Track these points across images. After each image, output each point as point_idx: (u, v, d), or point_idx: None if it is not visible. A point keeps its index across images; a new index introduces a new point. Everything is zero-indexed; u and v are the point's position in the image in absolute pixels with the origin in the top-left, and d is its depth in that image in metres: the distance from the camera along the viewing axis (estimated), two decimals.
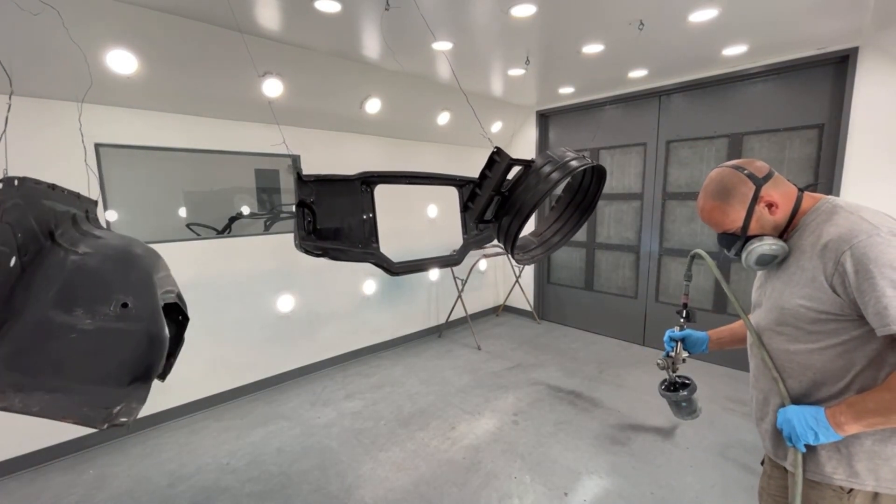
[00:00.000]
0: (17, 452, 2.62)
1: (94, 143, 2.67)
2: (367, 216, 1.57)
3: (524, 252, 1.85)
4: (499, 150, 1.36)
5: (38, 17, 1.93)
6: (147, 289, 1.03)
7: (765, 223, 1.12)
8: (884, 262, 0.90)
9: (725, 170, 1.14)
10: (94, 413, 0.91)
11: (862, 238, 0.94)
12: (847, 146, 3.14)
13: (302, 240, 1.42)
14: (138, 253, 1.06)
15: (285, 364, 3.82)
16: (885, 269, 0.90)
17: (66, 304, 0.90)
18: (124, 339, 0.97)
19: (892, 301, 0.89)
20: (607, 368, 4.02)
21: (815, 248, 1.03)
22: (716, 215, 1.15)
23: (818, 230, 1.04)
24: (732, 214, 1.12)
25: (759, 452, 2.57)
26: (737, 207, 1.11)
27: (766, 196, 1.09)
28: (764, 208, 1.10)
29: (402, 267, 1.63)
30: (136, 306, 0.98)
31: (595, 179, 1.76)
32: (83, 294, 0.93)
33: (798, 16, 2.63)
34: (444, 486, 2.45)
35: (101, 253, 0.99)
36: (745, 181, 1.10)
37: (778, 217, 1.11)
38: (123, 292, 0.98)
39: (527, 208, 1.38)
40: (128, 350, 0.97)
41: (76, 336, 0.90)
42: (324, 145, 3.83)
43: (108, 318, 0.94)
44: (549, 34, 2.82)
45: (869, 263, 0.91)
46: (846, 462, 1.04)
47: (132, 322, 0.97)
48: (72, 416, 0.88)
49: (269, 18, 2.50)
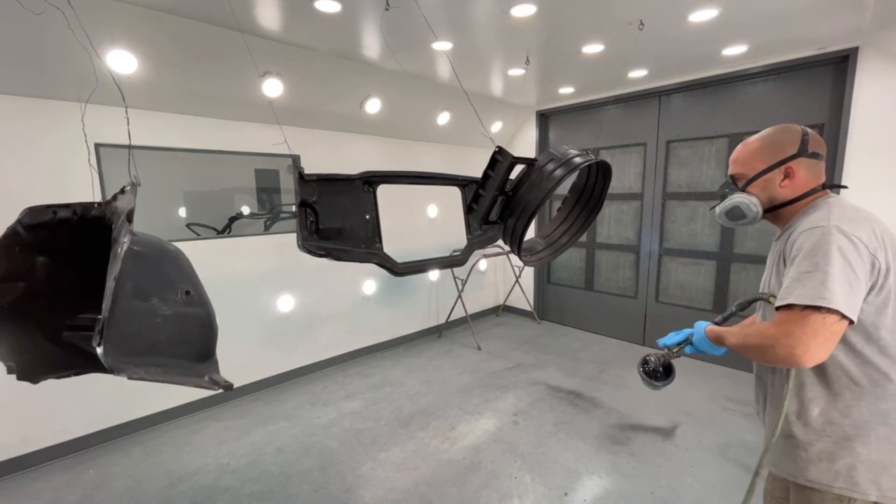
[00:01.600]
0: (17, 452, 2.62)
1: (95, 143, 2.67)
2: (369, 216, 1.55)
3: (531, 254, 1.83)
4: (501, 150, 1.35)
5: (39, 16, 1.93)
6: (196, 278, 1.16)
7: (768, 187, 1.18)
8: (807, 249, 1.00)
9: (792, 127, 1.17)
10: (200, 380, 1.07)
11: (812, 227, 1.03)
12: (847, 146, 3.14)
13: (304, 240, 1.41)
14: (173, 249, 1.16)
15: (285, 364, 3.82)
16: (805, 256, 1.00)
17: (142, 295, 1.02)
18: (194, 322, 1.12)
19: (786, 283, 1.01)
20: (607, 368, 4.02)
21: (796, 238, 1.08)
22: (747, 154, 1.21)
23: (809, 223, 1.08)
24: (756, 163, 1.19)
25: (758, 452, 2.57)
26: (766, 158, 1.17)
27: (793, 165, 1.14)
28: (778, 175, 1.15)
29: (406, 267, 1.62)
30: (196, 293, 1.12)
31: (600, 177, 1.74)
32: (152, 285, 1.05)
33: (798, 16, 2.63)
34: (444, 486, 2.45)
35: (151, 248, 1.08)
36: (795, 144, 1.14)
37: (782, 193, 1.16)
38: (183, 282, 1.11)
39: (531, 207, 1.36)
40: (198, 330, 1.13)
41: (160, 321, 1.04)
42: (324, 145, 3.83)
43: (178, 304, 1.08)
44: (549, 34, 2.82)
45: (801, 250, 1.02)
46: (845, 473, 1.05)
47: (196, 307, 1.13)
48: (190, 382, 1.06)
49: (269, 18, 2.49)
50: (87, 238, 1.18)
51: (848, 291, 0.95)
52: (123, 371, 0.92)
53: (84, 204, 1.18)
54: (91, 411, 2.85)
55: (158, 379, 0.99)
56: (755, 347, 1.06)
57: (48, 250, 1.20)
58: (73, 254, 1.22)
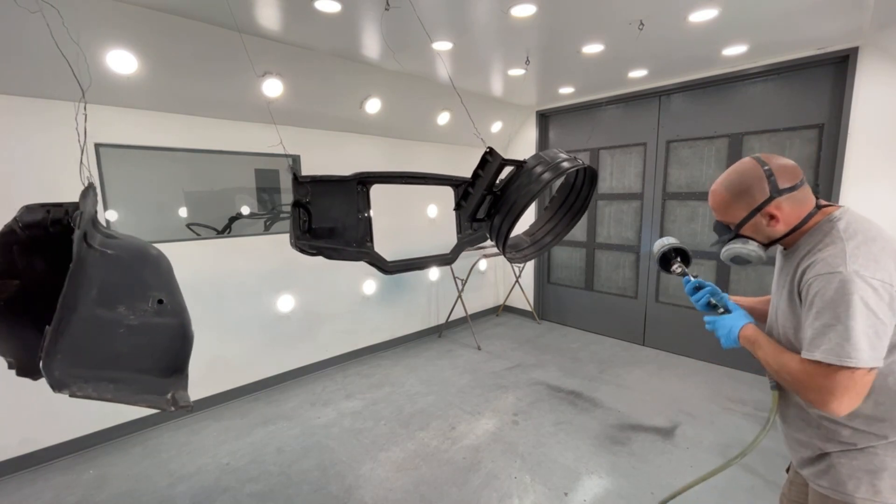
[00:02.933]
0: (17, 452, 2.62)
1: (94, 143, 2.67)
2: (361, 216, 1.58)
3: (516, 251, 1.88)
4: (491, 150, 1.39)
5: (35, 14, 1.93)
6: (174, 285, 1.11)
7: (759, 230, 1.14)
8: (828, 299, 0.96)
9: (753, 167, 1.12)
10: (158, 399, 0.99)
11: (830, 272, 0.97)
12: (847, 146, 3.14)
13: (297, 239, 1.44)
14: (155, 253, 1.12)
15: (285, 364, 3.82)
16: (827, 306, 0.97)
17: (108, 302, 0.97)
18: (164, 333, 1.05)
19: (811, 333, 0.99)
20: (607, 368, 4.02)
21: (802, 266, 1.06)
22: (721, 205, 1.17)
23: (811, 252, 1.06)
24: (734, 212, 1.15)
25: (759, 453, 2.57)
26: (742, 207, 1.13)
27: (772, 209, 1.09)
28: (763, 218, 1.11)
29: (396, 266, 1.65)
30: (169, 302, 1.06)
31: (587, 181, 1.79)
32: (122, 292, 1.00)
33: (798, 16, 2.63)
34: (445, 486, 2.45)
35: (127, 253, 1.05)
36: (763, 189, 1.09)
37: (775, 230, 1.12)
38: (157, 289, 1.05)
39: (518, 207, 1.41)
40: (167, 342, 1.06)
41: (124, 331, 0.98)
42: (324, 145, 3.83)
43: (147, 313, 1.02)
44: (549, 34, 2.82)
45: (819, 296, 0.98)
46: (868, 480, 1.03)
47: (169, 317, 1.06)
48: (142, 401, 0.98)
49: (268, 18, 2.49)
50: None
51: (875, 341, 0.93)
52: (67, 387, 0.85)
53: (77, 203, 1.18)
54: (91, 411, 2.85)
55: (107, 397, 0.91)
56: (788, 384, 1.05)
57: (44, 249, 1.19)
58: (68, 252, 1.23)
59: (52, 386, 0.84)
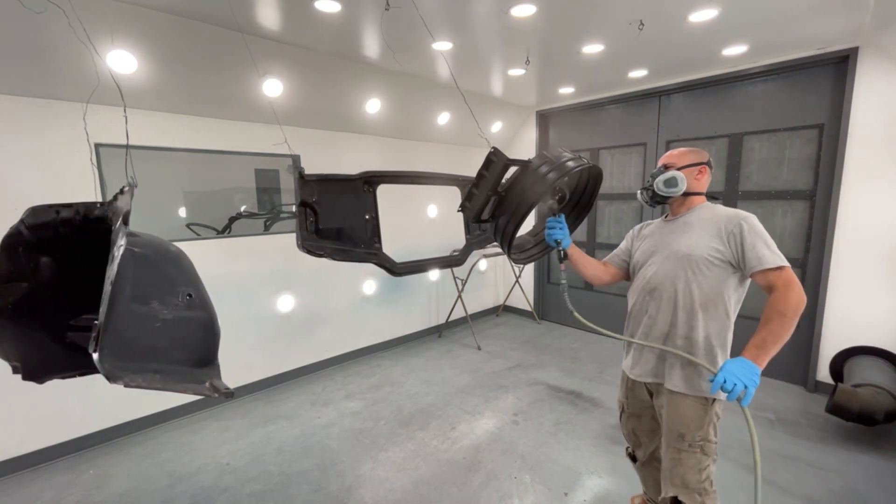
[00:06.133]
0: (17, 452, 2.62)
1: (94, 143, 2.67)
2: (369, 216, 1.56)
3: (521, 252, 1.85)
4: (496, 151, 1.36)
5: (40, 15, 1.93)
6: (198, 280, 1.14)
7: (687, 178, 1.65)
8: (758, 231, 1.50)
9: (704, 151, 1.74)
10: (199, 387, 1.04)
11: (748, 218, 1.53)
12: (847, 146, 3.14)
13: (304, 240, 1.41)
14: (175, 250, 1.14)
15: (285, 364, 3.82)
16: (762, 236, 1.50)
17: (142, 298, 0.99)
18: (196, 325, 1.10)
19: (764, 251, 1.46)
20: (607, 368, 4.02)
21: (712, 220, 1.59)
22: (678, 152, 1.70)
23: (711, 212, 1.63)
24: (684, 158, 1.68)
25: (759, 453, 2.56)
26: (690, 158, 1.68)
27: (704, 168, 1.68)
28: (696, 170, 1.67)
29: (405, 267, 1.63)
30: (197, 296, 1.10)
31: (592, 180, 1.77)
32: (153, 288, 1.02)
33: (798, 16, 2.63)
34: (445, 486, 2.45)
35: (152, 250, 1.06)
36: (705, 157, 1.71)
37: (694, 184, 1.66)
38: (184, 285, 1.08)
39: (523, 208, 1.38)
40: (201, 334, 1.11)
41: (160, 325, 1.01)
42: (324, 145, 3.83)
43: (179, 307, 1.06)
44: (549, 34, 2.82)
45: (753, 231, 1.50)
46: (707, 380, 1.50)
47: (198, 310, 1.10)
48: (188, 389, 1.02)
49: (269, 18, 2.49)
50: (91, 238, 1.18)
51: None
52: (120, 378, 0.89)
53: (87, 204, 1.18)
54: (91, 411, 2.85)
55: (156, 386, 0.96)
56: (793, 317, 1.38)
57: (51, 250, 1.19)
58: (76, 254, 1.21)
59: (106, 378, 0.88)
